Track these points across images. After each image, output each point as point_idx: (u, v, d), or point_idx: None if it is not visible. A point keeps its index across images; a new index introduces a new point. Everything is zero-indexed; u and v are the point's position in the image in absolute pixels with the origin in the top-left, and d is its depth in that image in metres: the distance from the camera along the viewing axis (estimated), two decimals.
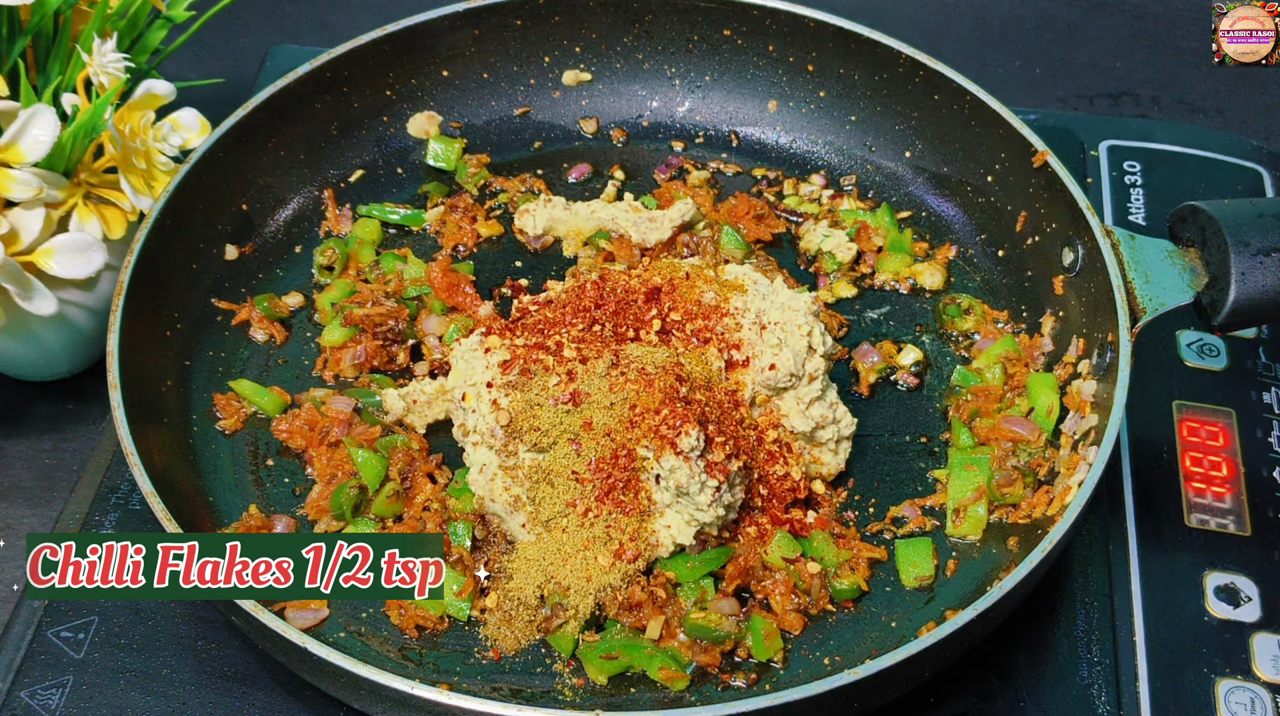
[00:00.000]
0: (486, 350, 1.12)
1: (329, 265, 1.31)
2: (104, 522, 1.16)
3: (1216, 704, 1.06)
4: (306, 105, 1.34)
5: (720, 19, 1.39)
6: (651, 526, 1.05)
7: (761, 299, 1.14)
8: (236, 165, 1.29)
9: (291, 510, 1.14)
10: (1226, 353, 1.30)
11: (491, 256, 1.34)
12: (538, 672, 1.04)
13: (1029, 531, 1.07)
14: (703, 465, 1.03)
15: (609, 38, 1.42)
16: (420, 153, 1.42)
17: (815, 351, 1.11)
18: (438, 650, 1.05)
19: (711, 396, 1.08)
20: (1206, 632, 1.10)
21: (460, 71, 1.42)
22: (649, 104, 1.45)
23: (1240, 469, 1.20)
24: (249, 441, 1.18)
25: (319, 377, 1.23)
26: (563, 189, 1.40)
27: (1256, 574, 1.14)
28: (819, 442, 1.13)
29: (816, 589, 1.06)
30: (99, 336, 1.28)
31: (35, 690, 1.06)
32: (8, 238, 1.16)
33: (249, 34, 1.76)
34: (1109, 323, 1.11)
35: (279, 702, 1.07)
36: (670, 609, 1.05)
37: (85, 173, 1.23)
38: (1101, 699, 1.07)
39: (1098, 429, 1.07)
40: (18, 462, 1.31)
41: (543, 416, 1.05)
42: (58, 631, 1.10)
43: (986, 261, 1.31)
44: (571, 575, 1.04)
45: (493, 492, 1.08)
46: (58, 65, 1.24)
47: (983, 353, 1.22)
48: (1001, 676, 1.09)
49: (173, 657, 1.09)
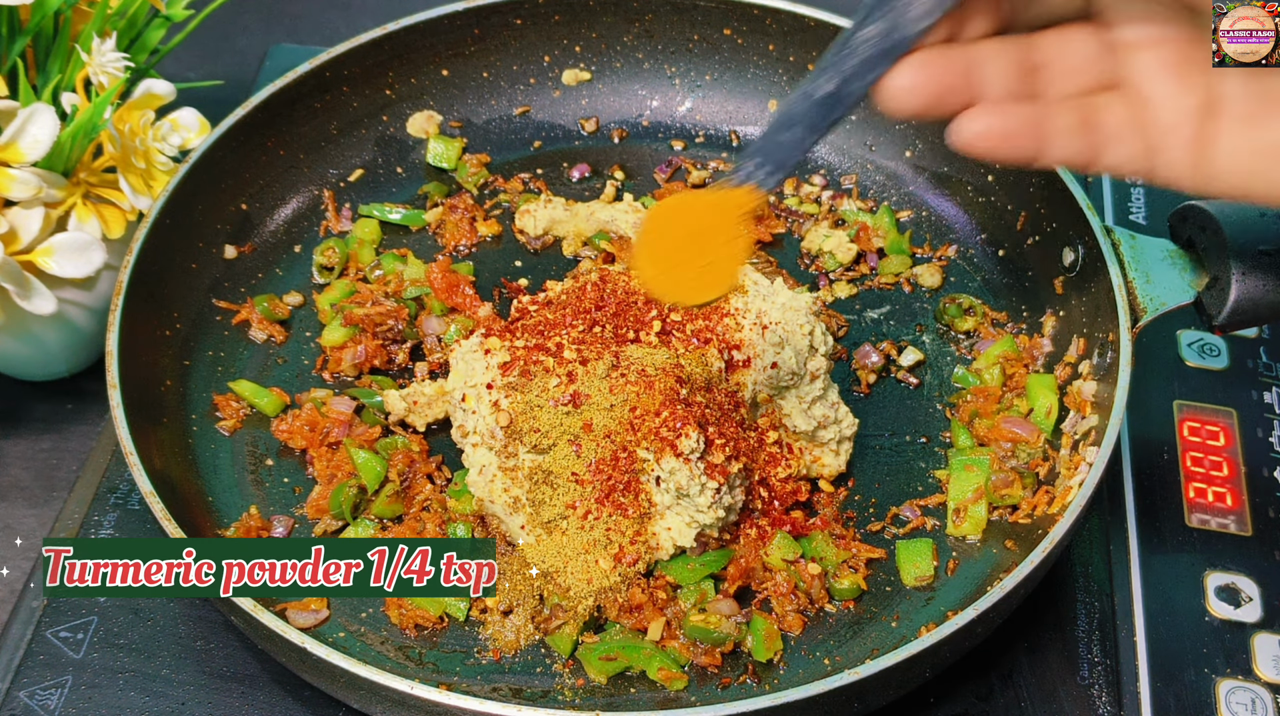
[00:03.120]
0: (486, 351, 1.12)
1: (329, 265, 1.31)
2: (103, 522, 1.16)
3: (1217, 704, 1.05)
4: (306, 105, 1.34)
5: (720, 18, 1.39)
6: (652, 528, 1.05)
7: (762, 299, 1.14)
8: (236, 165, 1.29)
9: (291, 510, 1.14)
10: (1227, 352, 1.30)
11: (491, 256, 1.34)
12: (537, 673, 1.04)
13: (1029, 531, 1.07)
14: (703, 467, 1.03)
15: (609, 37, 1.42)
16: (420, 152, 1.41)
17: (817, 351, 1.11)
18: (437, 650, 1.05)
19: (712, 398, 1.08)
20: (1207, 633, 1.10)
21: (460, 71, 1.42)
22: (649, 104, 1.45)
23: (1241, 469, 1.20)
24: (249, 441, 1.18)
25: (319, 378, 1.23)
26: (563, 189, 1.40)
27: (1257, 574, 1.13)
28: (820, 443, 1.13)
29: (817, 589, 1.06)
30: (98, 336, 1.28)
31: (34, 690, 1.06)
32: (7, 237, 1.16)
33: (249, 34, 1.76)
34: (1109, 322, 1.11)
35: (279, 702, 1.07)
36: (671, 610, 1.05)
37: (84, 172, 1.22)
38: (1101, 699, 1.07)
39: (1098, 429, 1.07)
40: (17, 462, 1.31)
41: (543, 418, 1.05)
42: (57, 631, 1.10)
43: (986, 261, 1.31)
44: (572, 577, 1.03)
45: (492, 494, 1.08)
46: (57, 65, 1.24)
47: (983, 353, 1.22)
48: (1001, 676, 1.09)
49: (172, 657, 1.09)
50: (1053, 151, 0.85)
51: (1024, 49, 0.85)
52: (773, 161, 0.87)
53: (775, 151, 0.86)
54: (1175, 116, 0.84)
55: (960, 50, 0.84)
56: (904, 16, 0.80)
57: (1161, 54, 0.83)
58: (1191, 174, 0.85)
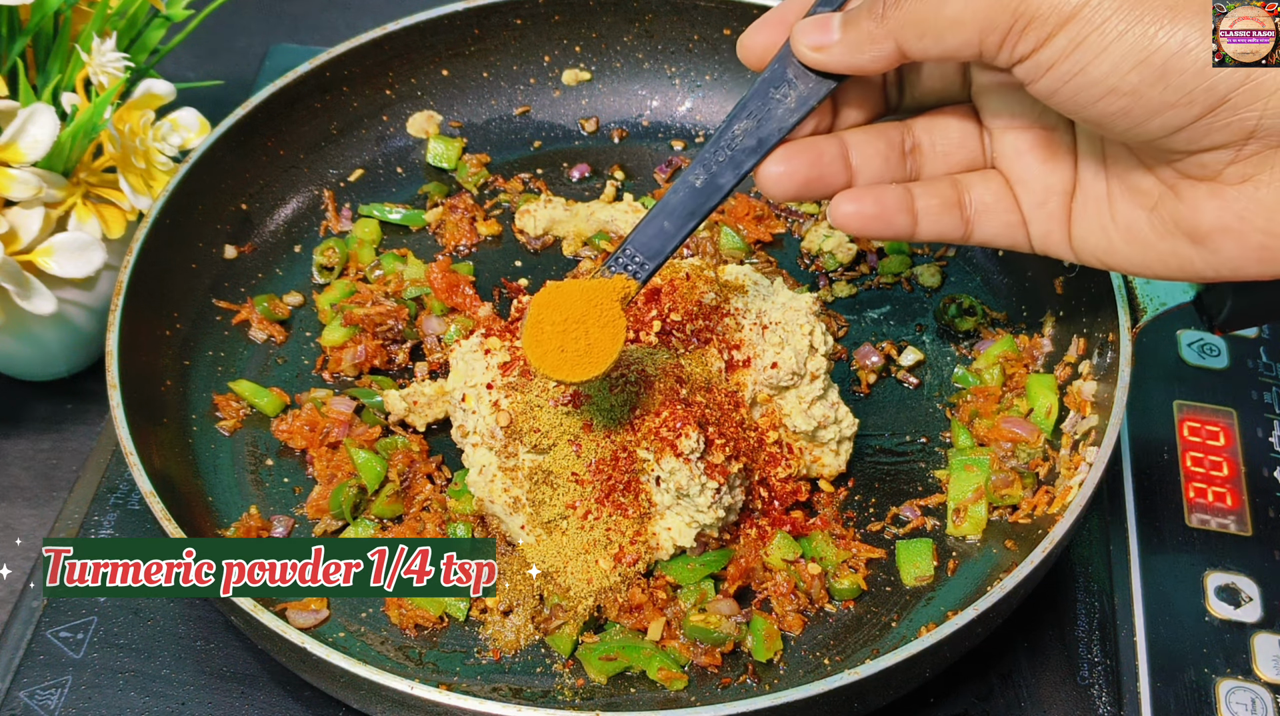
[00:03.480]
0: (486, 351, 1.12)
1: (329, 265, 1.31)
2: (103, 522, 1.16)
3: (1217, 704, 1.05)
4: (306, 105, 1.34)
5: (720, 18, 1.39)
6: (652, 528, 1.05)
7: (762, 299, 1.14)
8: (236, 165, 1.29)
9: (291, 510, 1.14)
10: (1227, 352, 1.30)
11: (491, 256, 1.34)
12: (537, 673, 1.04)
13: (1029, 531, 1.07)
14: (703, 467, 1.02)
15: (609, 37, 1.42)
16: (420, 152, 1.41)
17: (817, 351, 1.11)
18: (437, 650, 1.05)
19: (712, 398, 1.08)
20: (1207, 633, 1.10)
21: (460, 71, 1.42)
22: (649, 104, 1.45)
23: (1241, 469, 1.20)
24: (249, 441, 1.18)
25: (319, 378, 1.23)
26: (563, 189, 1.40)
27: (1257, 574, 1.13)
28: (820, 442, 1.13)
29: (817, 589, 1.06)
30: (98, 336, 1.28)
31: (34, 690, 1.06)
32: (7, 237, 1.16)
33: (248, 34, 1.76)
34: (1109, 322, 1.11)
35: (279, 702, 1.07)
36: (671, 610, 1.05)
37: (84, 172, 1.22)
38: (1101, 699, 1.07)
39: (1098, 429, 1.07)
40: (17, 462, 1.31)
41: (543, 418, 1.05)
42: (57, 631, 1.10)
43: (986, 261, 1.31)
44: (572, 577, 1.03)
45: (492, 494, 1.08)
46: (57, 65, 1.24)
47: (983, 353, 1.22)
48: (1001, 676, 1.09)
49: (172, 657, 1.09)
50: (925, 228, 0.93)
51: (899, 133, 0.94)
52: (645, 252, 0.94)
53: (650, 242, 0.94)
54: (1042, 195, 0.91)
55: (835, 138, 0.92)
56: (772, 114, 0.90)
57: (1028, 138, 0.91)
58: (1065, 244, 0.92)
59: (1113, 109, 0.78)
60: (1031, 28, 0.77)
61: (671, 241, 0.94)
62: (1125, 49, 0.75)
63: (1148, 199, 0.86)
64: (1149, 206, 0.86)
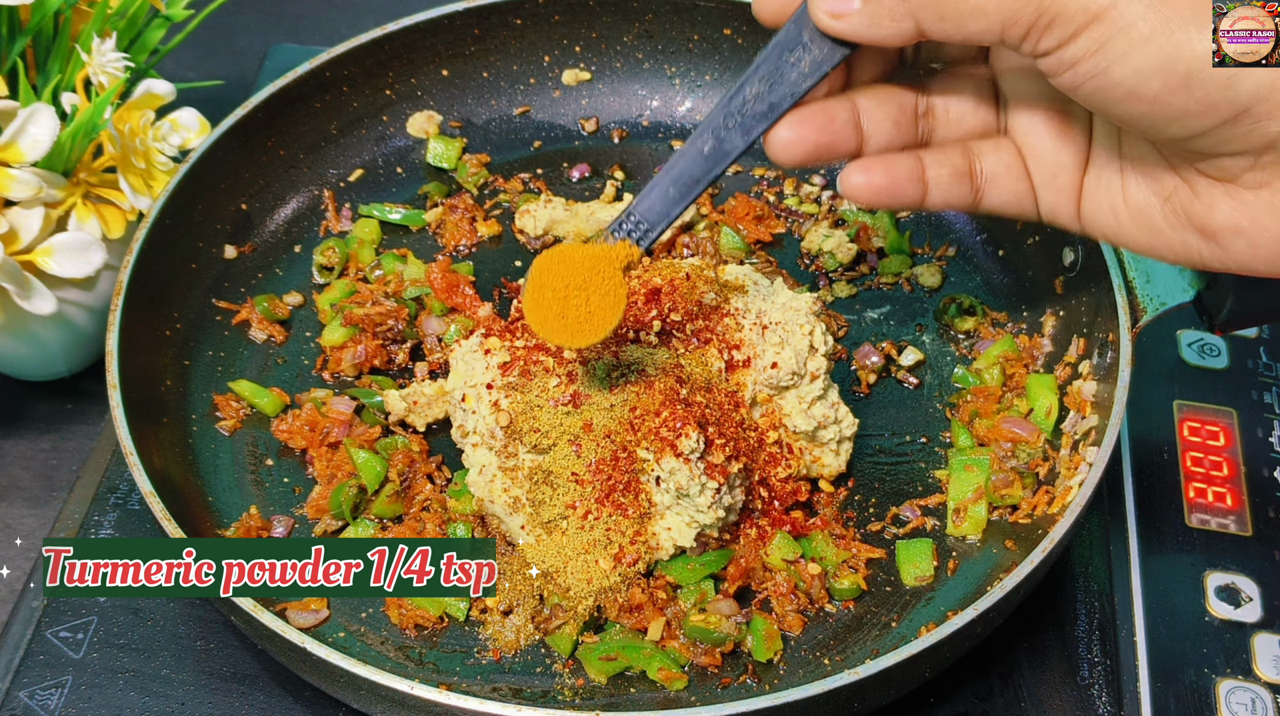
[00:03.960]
0: (486, 351, 1.12)
1: (329, 265, 1.31)
2: (103, 522, 1.16)
3: (1217, 704, 1.05)
4: (306, 105, 1.34)
5: (720, 18, 1.39)
6: (652, 528, 1.05)
7: (762, 299, 1.14)
8: (236, 165, 1.29)
9: (291, 510, 1.14)
10: (1228, 352, 1.30)
11: (491, 256, 1.34)
12: (538, 673, 1.04)
13: (1029, 531, 1.07)
14: (703, 467, 1.02)
15: (609, 37, 1.42)
16: (420, 152, 1.41)
17: (817, 351, 1.11)
18: (437, 650, 1.05)
19: (712, 398, 1.08)
20: (1207, 633, 1.10)
21: (460, 71, 1.42)
22: (649, 104, 1.45)
23: (1241, 469, 1.20)
24: (249, 441, 1.18)
25: (319, 378, 1.23)
26: (563, 189, 1.40)
27: (1257, 574, 1.13)
28: (820, 442, 1.13)
29: (817, 589, 1.06)
30: (98, 336, 1.28)
31: (34, 690, 1.06)
32: (7, 237, 1.16)
33: (248, 34, 1.76)
34: (1109, 322, 1.11)
35: (279, 702, 1.07)
36: (671, 610, 1.05)
37: (84, 172, 1.22)
38: (1101, 699, 1.07)
39: (1098, 429, 1.07)
40: (16, 462, 1.31)
41: (543, 418, 1.05)
42: (57, 631, 1.10)
43: (986, 261, 1.31)
44: (572, 577, 1.03)
45: (492, 494, 1.08)
46: (57, 65, 1.24)
47: (983, 353, 1.22)
48: (1001, 676, 1.09)
49: (172, 657, 1.09)
50: (935, 197, 0.92)
51: (911, 96, 0.92)
52: (649, 218, 0.94)
53: (654, 207, 0.94)
54: (1054, 169, 0.91)
55: (846, 101, 0.90)
56: (785, 78, 0.88)
57: (1045, 113, 0.90)
58: (1073, 218, 0.92)
59: (1134, 112, 0.78)
60: (1056, 25, 0.77)
61: (676, 207, 0.93)
62: (1149, 55, 0.75)
63: (1162, 189, 0.86)
64: (1163, 196, 0.86)
